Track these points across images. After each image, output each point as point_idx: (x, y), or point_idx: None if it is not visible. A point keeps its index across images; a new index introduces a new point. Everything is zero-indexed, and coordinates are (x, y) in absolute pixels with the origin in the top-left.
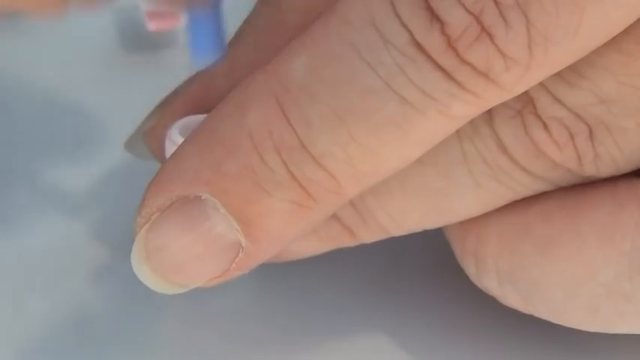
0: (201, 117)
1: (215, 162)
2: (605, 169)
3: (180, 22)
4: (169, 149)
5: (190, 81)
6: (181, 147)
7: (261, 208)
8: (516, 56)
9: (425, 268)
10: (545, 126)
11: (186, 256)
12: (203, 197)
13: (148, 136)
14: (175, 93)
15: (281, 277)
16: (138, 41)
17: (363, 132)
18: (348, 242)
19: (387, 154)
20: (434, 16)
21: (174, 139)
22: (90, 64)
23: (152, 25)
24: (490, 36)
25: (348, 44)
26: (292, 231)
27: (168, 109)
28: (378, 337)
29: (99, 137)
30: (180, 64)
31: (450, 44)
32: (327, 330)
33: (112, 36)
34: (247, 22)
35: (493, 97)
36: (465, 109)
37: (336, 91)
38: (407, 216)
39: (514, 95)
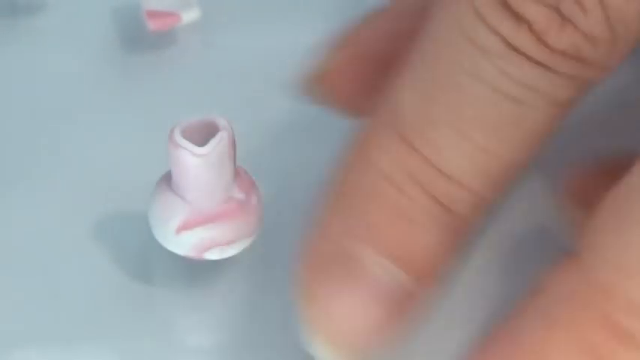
0: (203, 119)
1: (358, 213)
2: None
3: (180, 22)
4: (172, 151)
5: (360, 22)
6: (322, 213)
7: (414, 240)
8: (600, 35)
9: None
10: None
11: (357, 314)
12: (358, 252)
13: (321, 80)
14: (349, 31)
15: (279, 280)
16: (138, 41)
17: (486, 138)
18: None
19: (512, 153)
20: (519, 18)
21: (176, 140)
22: (90, 64)
23: (152, 25)
24: (572, 23)
25: (449, 63)
26: (448, 252)
27: (342, 50)
28: None
29: (99, 137)
30: (180, 64)
31: (540, 39)
32: None
33: (112, 36)
34: None
35: (591, 75)
36: (569, 92)
37: (452, 109)
38: None
39: (611, 69)
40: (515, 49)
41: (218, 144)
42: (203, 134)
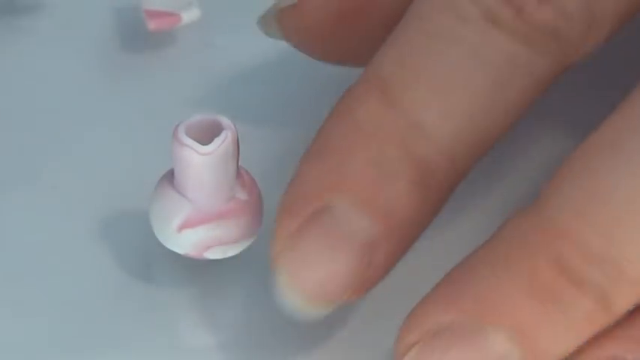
0: (206, 118)
1: (333, 162)
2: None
3: (180, 22)
4: (176, 149)
5: None
6: (301, 162)
7: (384, 190)
8: (576, 13)
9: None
10: None
11: (326, 261)
12: (330, 201)
13: (284, 15)
14: None
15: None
16: (138, 41)
17: (463, 100)
18: (602, 319)
19: (488, 120)
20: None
21: (181, 138)
22: (90, 64)
23: (152, 25)
24: None
25: (431, 31)
26: (419, 208)
27: None
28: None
29: (99, 137)
30: (180, 64)
31: (519, 12)
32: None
33: (112, 36)
34: None
35: (567, 54)
36: (545, 68)
37: (432, 72)
38: None
39: (587, 51)
40: (495, 21)
41: (222, 143)
42: (206, 133)
